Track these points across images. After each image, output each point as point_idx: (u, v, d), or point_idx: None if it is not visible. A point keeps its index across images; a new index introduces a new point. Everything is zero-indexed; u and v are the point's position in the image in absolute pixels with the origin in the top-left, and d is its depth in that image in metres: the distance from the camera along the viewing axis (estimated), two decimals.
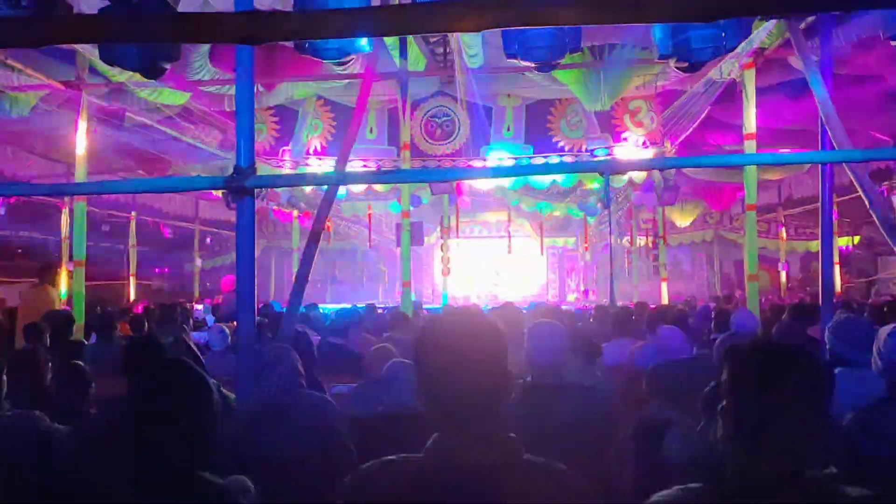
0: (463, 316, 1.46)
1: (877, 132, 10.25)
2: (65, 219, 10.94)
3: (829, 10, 3.45)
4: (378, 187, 12.21)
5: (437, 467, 1.33)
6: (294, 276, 5.34)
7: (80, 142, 7.87)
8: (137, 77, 5.85)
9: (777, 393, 1.36)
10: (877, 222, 4.86)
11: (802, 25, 6.00)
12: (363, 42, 4.92)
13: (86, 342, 6.45)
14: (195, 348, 4.11)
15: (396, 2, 5.50)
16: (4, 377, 2.79)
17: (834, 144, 5.02)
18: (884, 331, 2.76)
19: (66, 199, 10.53)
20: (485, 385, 1.35)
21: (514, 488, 1.32)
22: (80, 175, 7.92)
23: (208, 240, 18.24)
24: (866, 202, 4.82)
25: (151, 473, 1.61)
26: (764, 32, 6.80)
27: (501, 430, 1.38)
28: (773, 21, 6.32)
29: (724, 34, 4.63)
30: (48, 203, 11.88)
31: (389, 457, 1.41)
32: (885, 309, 7.54)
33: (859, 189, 4.84)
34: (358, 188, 12.27)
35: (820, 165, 5.73)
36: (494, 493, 1.31)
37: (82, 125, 7.90)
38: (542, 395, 2.76)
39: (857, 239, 16.17)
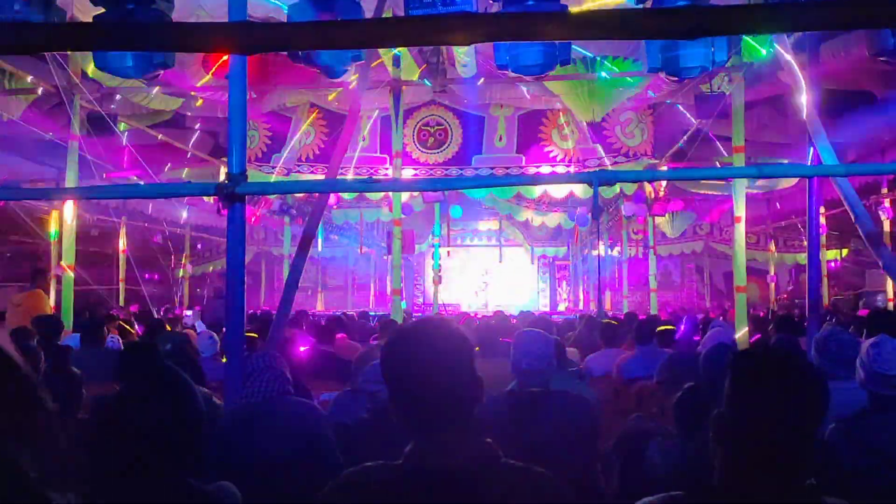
0: (428, 324, 1.49)
1: (863, 146, 10.36)
2: (54, 223, 10.89)
3: (810, 29, 3.49)
4: (370, 194, 12.23)
5: (416, 473, 1.35)
6: (284, 283, 5.35)
7: (72, 146, 7.85)
8: (130, 82, 5.85)
9: (781, 403, 1.35)
10: (861, 236, 4.90)
11: (791, 40, 6.07)
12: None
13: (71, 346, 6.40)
14: (193, 356, 4.07)
15: (389, 13, 5.54)
16: None
17: (821, 158, 5.07)
18: (866, 342, 2.78)
19: (56, 203, 10.45)
20: (453, 391, 1.38)
21: (492, 492, 1.34)
22: (71, 180, 7.89)
23: (198, 245, 18.15)
24: (852, 216, 4.86)
25: (137, 479, 1.61)
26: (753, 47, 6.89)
27: (476, 435, 1.40)
28: (762, 36, 6.40)
29: (713, 49, 4.68)
30: (37, 207, 11.79)
31: (369, 463, 1.43)
32: (871, 320, 7.60)
33: (845, 202, 4.89)
34: (349, 195, 12.28)
35: (807, 179, 5.79)
36: (473, 496, 1.33)
37: (73, 129, 7.88)
38: (527, 401, 2.78)
39: (845, 252, 16.29)
